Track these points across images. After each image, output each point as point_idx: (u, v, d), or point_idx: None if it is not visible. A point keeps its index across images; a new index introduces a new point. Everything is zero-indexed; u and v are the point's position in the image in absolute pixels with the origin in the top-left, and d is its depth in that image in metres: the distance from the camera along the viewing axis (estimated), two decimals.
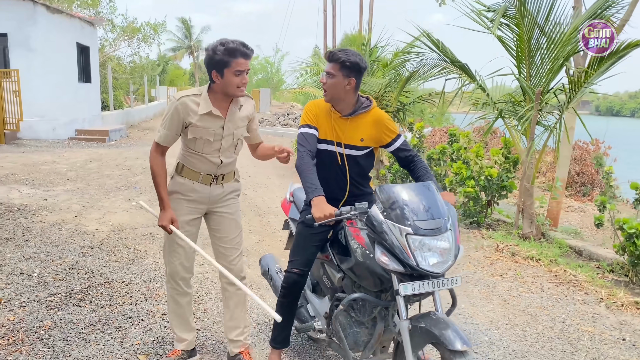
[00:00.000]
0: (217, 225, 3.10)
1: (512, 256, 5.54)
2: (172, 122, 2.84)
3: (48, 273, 4.57)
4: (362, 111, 2.91)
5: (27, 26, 14.31)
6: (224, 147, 2.94)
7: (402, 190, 2.42)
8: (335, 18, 20.65)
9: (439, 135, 18.13)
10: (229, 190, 3.11)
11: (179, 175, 3.01)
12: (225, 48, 2.67)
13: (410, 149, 3.02)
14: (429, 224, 2.32)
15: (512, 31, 6.30)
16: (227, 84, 2.75)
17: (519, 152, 6.56)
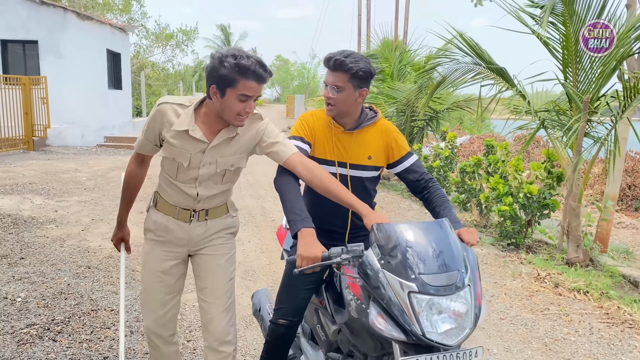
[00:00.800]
0: (199, 270, 2.46)
1: (555, 287, 4.84)
2: (149, 129, 2.29)
3: (34, 298, 4.17)
4: (368, 123, 2.40)
5: (58, 33, 14.32)
6: (202, 176, 2.29)
7: (407, 231, 1.85)
8: (369, 22, 20.09)
9: (478, 143, 17.30)
10: (217, 229, 2.44)
11: (154, 209, 2.45)
12: (237, 63, 2.03)
13: (424, 170, 2.44)
14: (440, 278, 1.74)
15: (557, 30, 5.60)
16: (226, 108, 2.12)
17: (564, 166, 5.84)
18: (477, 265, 1.93)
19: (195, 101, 2.24)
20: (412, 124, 10.33)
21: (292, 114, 36.15)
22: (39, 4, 14.23)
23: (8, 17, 14.10)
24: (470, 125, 24.04)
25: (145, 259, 2.45)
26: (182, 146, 2.22)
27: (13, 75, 12.99)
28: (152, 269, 2.42)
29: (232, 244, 2.53)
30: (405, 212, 8.09)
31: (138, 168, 2.45)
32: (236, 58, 2.04)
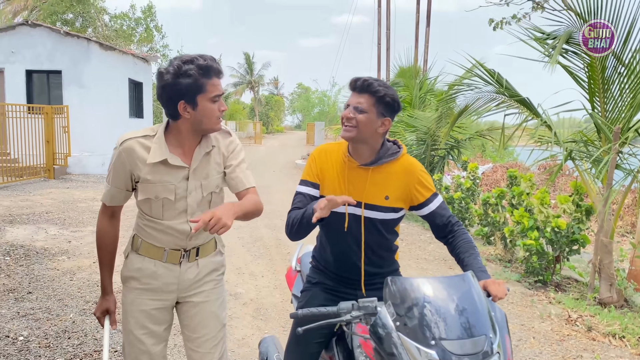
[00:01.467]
0: (188, 319, 2.25)
1: (588, 331, 4.50)
2: (117, 174, 2.08)
3: (36, 337, 4.01)
4: (389, 159, 2.16)
5: (81, 63, 14.56)
6: (192, 206, 2.11)
7: (425, 286, 1.62)
8: (388, 51, 20.05)
9: (501, 172, 16.93)
10: (208, 270, 2.26)
11: (135, 254, 2.21)
12: (197, 66, 1.92)
13: (449, 213, 2.22)
14: (465, 345, 1.51)
15: (581, 60, 5.38)
16: (204, 117, 1.99)
17: (593, 199, 5.53)
18: (507, 326, 1.70)
19: (157, 129, 2.09)
20: (433, 153, 10.11)
21: (312, 141, 36.22)
22: (64, 36, 14.54)
23: (35, 49, 14.43)
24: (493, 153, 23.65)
25: (128, 309, 2.21)
26: (162, 179, 2.05)
27: (36, 105, 13.19)
28: (137, 319, 2.19)
29: (222, 287, 2.34)
30: (426, 246, 7.80)
31: (110, 224, 2.22)
32: (192, 62, 1.94)
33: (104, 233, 2.21)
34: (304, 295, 2.29)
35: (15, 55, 14.43)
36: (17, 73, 14.52)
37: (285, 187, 13.56)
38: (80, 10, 21.59)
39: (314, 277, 2.30)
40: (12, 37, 14.43)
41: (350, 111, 2.07)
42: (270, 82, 61.89)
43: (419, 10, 19.41)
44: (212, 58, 1.99)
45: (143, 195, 2.07)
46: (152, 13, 24.64)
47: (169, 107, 2.00)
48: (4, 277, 5.37)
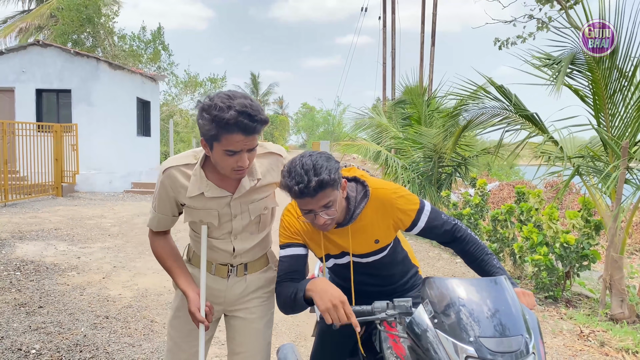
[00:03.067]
0: (233, 334, 2.22)
1: (600, 346, 4.48)
2: (162, 201, 2.07)
3: (48, 350, 4.02)
4: (361, 207, 2.01)
5: (90, 82, 14.77)
6: (237, 228, 2.09)
7: (460, 287, 1.66)
8: (394, 70, 20.26)
9: (507, 190, 16.93)
10: (256, 286, 2.21)
11: (188, 263, 2.25)
12: (215, 116, 1.75)
13: (444, 220, 2.07)
14: (502, 343, 1.53)
15: (585, 77, 5.43)
16: (218, 163, 1.90)
17: (602, 214, 5.54)
18: (540, 329, 1.71)
19: (200, 155, 2.02)
20: (440, 170, 10.15)
21: None
22: (74, 55, 14.77)
23: (45, 68, 14.66)
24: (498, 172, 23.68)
25: (175, 315, 2.22)
26: (205, 206, 2.03)
27: (45, 123, 13.34)
28: (183, 327, 2.19)
29: (270, 304, 2.27)
30: (434, 262, 7.79)
31: (162, 241, 2.18)
32: (216, 109, 1.76)
33: (162, 249, 2.16)
34: None
35: (26, 74, 14.65)
36: (28, 92, 14.73)
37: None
38: (91, 30, 21.96)
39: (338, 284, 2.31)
40: (23, 56, 14.67)
41: (323, 216, 1.88)
42: (275, 102, 62.37)
43: (424, 31, 19.67)
44: (246, 112, 1.77)
45: (189, 219, 2.11)
46: (161, 35, 25.04)
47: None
48: (15, 291, 5.40)
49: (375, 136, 12.16)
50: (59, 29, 21.40)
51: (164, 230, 2.19)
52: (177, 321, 2.21)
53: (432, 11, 19.37)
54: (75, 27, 21.32)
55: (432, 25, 19.43)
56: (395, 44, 20.46)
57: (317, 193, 1.80)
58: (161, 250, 2.16)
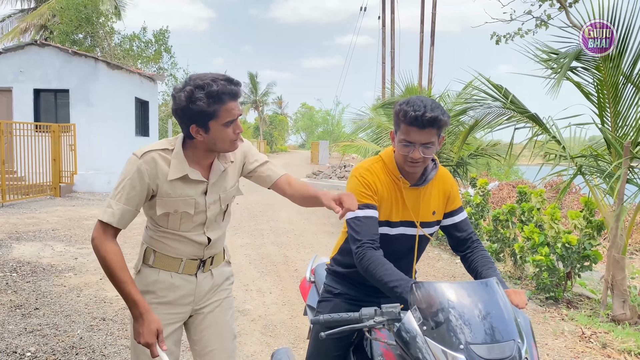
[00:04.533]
0: (199, 332, 2.17)
1: (602, 348, 4.42)
2: (133, 191, 1.94)
3: (43, 353, 3.97)
4: (432, 175, 2.15)
5: (88, 82, 14.70)
6: (210, 219, 2.09)
7: (450, 291, 1.60)
8: (393, 70, 20.21)
9: (507, 190, 16.87)
10: (222, 279, 2.23)
11: (148, 267, 2.09)
12: (207, 93, 1.84)
13: (472, 229, 2.23)
14: (493, 350, 1.48)
15: (592, 75, 5.38)
16: (217, 140, 1.94)
17: (604, 215, 5.48)
18: (532, 332, 1.66)
19: (174, 142, 2.02)
20: None
21: (316, 160, 36.27)
22: (72, 55, 14.70)
23: (43, 68, 14.58)
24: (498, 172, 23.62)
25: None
26: (182, 194, 1.99)
27: (43, 123, 13.27)
28: None
29: (232, 297, 2.31)
30: (434, 262, 7.74)
31: (113, 244, 1.95)
32: (204, 88, 1.84)
33: (115, 254, 1.93)
34: (323, 305, 2.25)
35: (24, 74, 14.58)
36: (26, 92, 14.65)
37: (290, 204, 13.51)
38: (90, 30, 21.88)
39: (335, 288, 2.26)
40: (21, 56, 14.60)
41: (422, 152, 1.96)
42: (275, 102, 62.34)
43: (423, 30, 19.63)
44: (227, 80, 1.90)
45: (162, 210, 2.00)
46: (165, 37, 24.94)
47: (182, 127, 1.97)
48: (11, 293, 5.34)
49: (375, 136, 12.09)
50: (58, 28, 21.33)
51: (116, 232, 1.98)
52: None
53: (432, 11, 19.34)
54: (74, 26, 21.24)
55: (431, 25, 19.40)
56: (394, 43, 20.44)
57: (427, 127, 1.92)
58: (114, 258, 1.91)
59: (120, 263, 1.93)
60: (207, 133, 1.92)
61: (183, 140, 2.04)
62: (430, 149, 1.97)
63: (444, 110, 1.96)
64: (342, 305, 2.19)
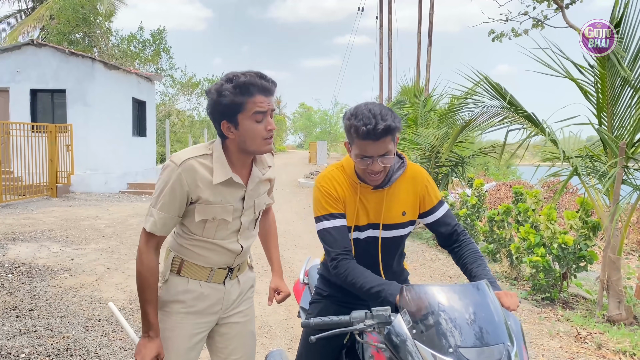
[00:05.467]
0: (224, 341, 2.15)
1: (597, 348, 4.43)
2: (173, 199, 1.91)
3: (38, 354, 3.96)
4: (398, 175, 2.11)
5: (85, 82, 14.66)
6: (244, 225, 2.06)
7: (440, 295, 1.60)
8: (390, 70, 20.21)
9: (504, 190, 16.89)
10: (247, 287, 2.21)
11: (177, 276, 2.05)
12: (235, 85, 1.82)
13: (456, 222, 2.19)
14: (482, 352, 1.47)
15: (592, 74, 5.36)
16: (247, 138, 1.88)
17: (600, 215, 5.49)
18: (523, 335, 1.66)
19: (212, 147, 1.98)
20: (437, 170, 10.10)
21: (314, 160, 36.23)
22: (69, 55, 14.66)
23: (40, 69, 14.55)
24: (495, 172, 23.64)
25: (167, 337, 2.03)
26: (223, 200, 1.96)
27: (40, 123, 13.24)
28: (179, 347, 2.03)
29: (254, 304, 2.30)
30: (431, 263, 7.73)
31: (155, 257, 1.96)
32: (232, 80, 1.84)
33: (150, 270, 1.94)
34: (313, 307, 2.25)
35: (21, 74, 14.54)
36: (22, 92, 14.61)
37: (288, 205, 13.53)
38: (87, 30, 21.85)
39: (324, 290, 2.26)
40: (18, 56, 14.56)
41: (382, 162, 1.94)
42: None
43: (421, 30, 19.61)
44: (258, 74, 1.87)
45: (200, 217, 1.95)
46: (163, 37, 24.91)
47: (216, 126, 1.94)
48: (6, 294, 5.32)
49: None
50: (55, 28, 21.30)
51: (159, 242, 1.99)
52: (171, 343, 2.05)
53: (429, 11, 19.31)
54: (72, 26, 21.22)
55: (429, 25, 19.38)
56: (392, 43, 20.42)
57: (381, 137, 1.88)
58: (147, 275, 1.93)
59: (149, 281, 1.94)
60: (237, 129, 1.88)
61: (222, 143, 2.00)
62: (389, 158, 1.94)
63: (394, 115, 1.92)
64: (331, 307, 2.19)
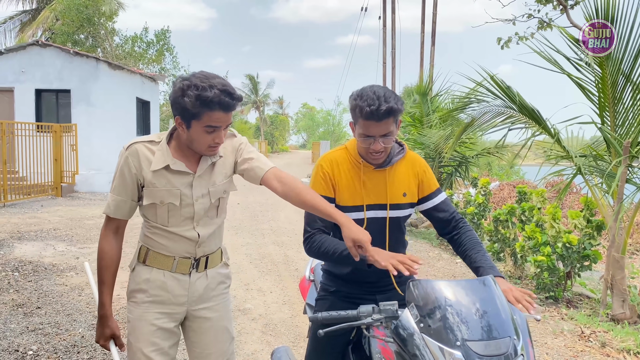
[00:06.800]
0: (197, 336, 2.18)
1: (602, 347, 4.44)
2: (123, 181, 2.01)
3: (45, 351, 3.99)
4: (398, 158, 2.19)
5: (89, 82, 14.73)
6: (199, 213, 2.07)
7: (447, 289, 1.62)
8: (394, 70, 20.21)
9: (508, 190, 16.87)
10: (217, 282, 2.20)
11: (142, 265, 2.10)
12: (199, 95, 1.85)
13: (454, 209, 2.25)
14: (489, 346, 1.49)
15: (593, 73, 5.38)
16: (194, 140, 1.97)
17: (604, 214, 5.50)
18: (528, 330, 1.68)
19: (162, 136, 2.07)
20: (441, 170, 10.11)
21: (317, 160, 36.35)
22: (73, 55, 14.73)
23: (44, 69, 14.62)
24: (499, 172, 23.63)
25: (136, 325, 2.08)
26: (167, 184, 2.01)
27: (45, 123, 13.31)
28: (145, 335, 2.06)
29: (229, 300, 2.30)
30: (435, 262, 7.75)
31: (114, 240, 2.06)
32: (198, 89, 1.85)
33: (109, 251, 2.05)
34: (320, 304, 2.27)
35: (25, 74, 14.61)
36: (27, 92, 14.69)
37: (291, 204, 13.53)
38: (91, 30, 21.91)
39: (330, 285, 2.28)
40: (23, 56, 14.63)
41: (383, 142, 2.02)
42: (275, 102, 62.38)
43: (424, 30, 19.62)
44: (226, 92, 1.89)
45: (148, 200, 2.02)
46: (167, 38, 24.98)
47: (173, 115, 2.00)
48: (13, 292, 5.36)
49: None
50: (59, 28, 21.38)
51: (118, 226, 2.07)
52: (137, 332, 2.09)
53: (432, 11, 19.31)
54: (76, 27, 21.29)
55: (432, 25, 19.37)
56: (395, 43, 20.43)
57: (384, 119, 1.96)
58: (101, 256, 2.05)
59: (104, 262, 2.05)
60: (188, 130, 1.95)
61: (172, 133, 2.08)
62: (390, 138, 2.02)
63: (397, 98, 2.00)
64: (338, 303, 2.20)
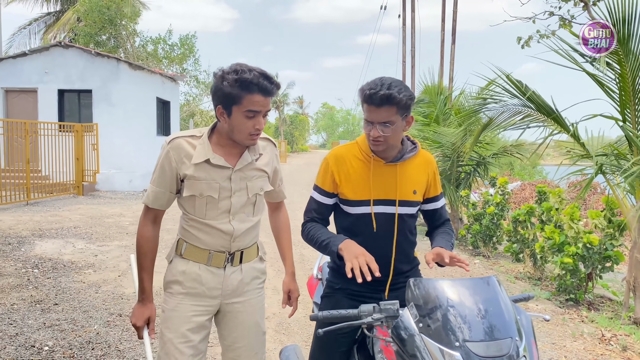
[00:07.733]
0: (228, 329, 2.22)
1: (623, 350, 4.32)
2: (163, 174, 2.07)
3: (60, 347, 4.04)
4: (410, 155, 2.18)
5: (110, 82, 14.93)
6: (235, 206, 2.12)
7: (449, 288, 1.58)
8: (413, 69, 20.04)
9: (529, 190, 16.63)
10: (251, 277, 2.23)
11: (179, 258, 2.17)
12: (239, 78, 1.91)
13: (447, 214, 2.37)
14: (490, 347, 1.45)
15: (612, 70, 5.25)
16: (235, 128, 2.00)
17: (626, 214, 5.36)
18: (533, 331, 1.63)
19: (205, 130, 2.12)
20: (459, 169, 9.99)
21: None
22: (95, 56, 14.95)
23: (67, 69, 14.86)
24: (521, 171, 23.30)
25: (169, 316, 2.14)
26: (207, 177, 2.06)
27: (67, 123, 13.53)
28: (178, 328, 2.11)
29: (263, 295, 2.33)
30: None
31: (152, 229, 2.14)
32: (237, 73, 1.92)
33: (148, 239, 2.13)
34: (325, 301, 2.24)
35: (49, 75, 14.87)
36: (50, 92, 14.95)
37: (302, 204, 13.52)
38: (112, 32, 22.23)
39: (336, 282, 2.25)
40: (46, 57, 14.90)
41: (380, 130, 2.00)
42: (295, 102, 62.54)
43: (444, 29, 19.41)
44: (265, 75, 1.95)
45: (188, 192, 2.07)
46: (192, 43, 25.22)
47: (214, 107, 2.05)
48: (32, 288, 5.45)
49: None
50: (81, 30, 21.73)
51: (156, 215, 2.14)
52: (170, 323, 2.14)
53: (453, 9, 19.11)
54: (98, 28, 21.61)
55: (452, 23, 19.16)
56: (415, 42, 20.26)
57: (383, 105, 1.95)
58: (142, 243, 2.13)
59: (144, 249, 2.14)
60: (229, 118, 1.99)
61: (213, 128, 2.13)
62: (389, 128, 1.99)
63: (403, 89, 1.96)
64: (343, 300, 2.17)
